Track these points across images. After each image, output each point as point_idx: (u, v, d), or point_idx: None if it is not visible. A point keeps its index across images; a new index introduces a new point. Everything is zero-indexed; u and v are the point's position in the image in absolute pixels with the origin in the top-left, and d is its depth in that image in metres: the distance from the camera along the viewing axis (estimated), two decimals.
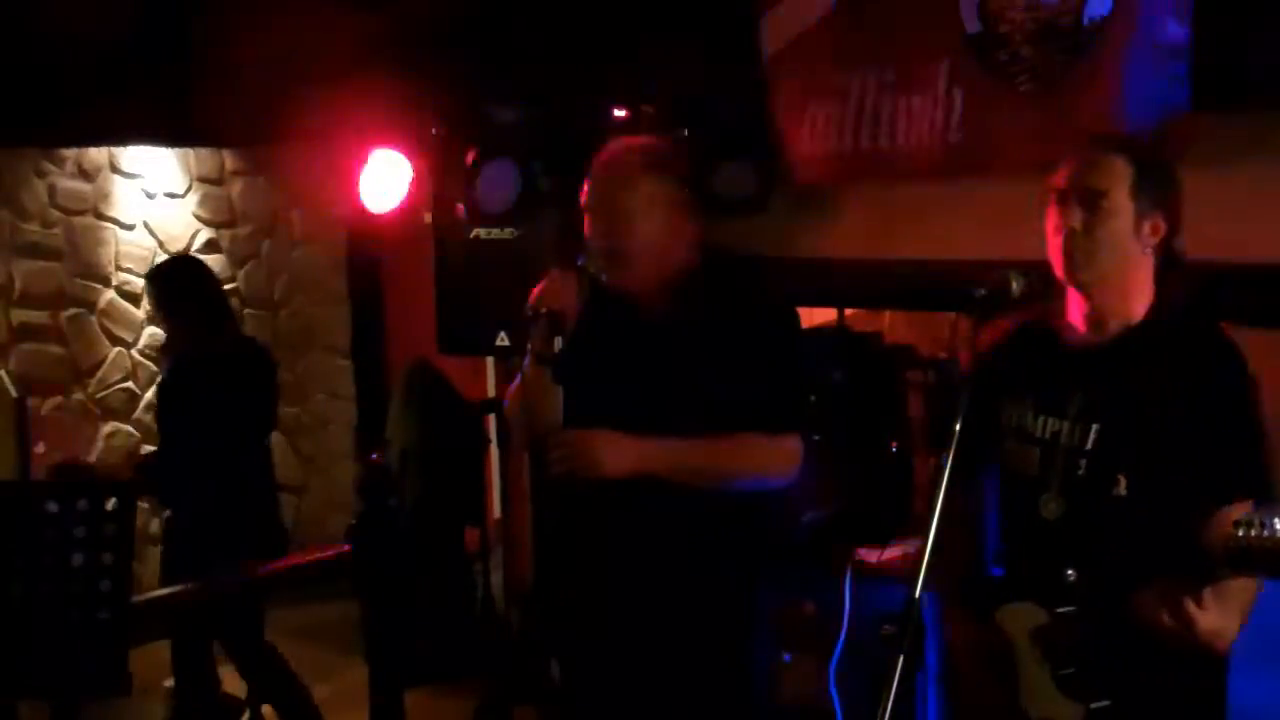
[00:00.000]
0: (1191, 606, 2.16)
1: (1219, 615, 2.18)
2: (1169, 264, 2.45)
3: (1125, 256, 2.40)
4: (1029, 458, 2.47)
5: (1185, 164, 3.35)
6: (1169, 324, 2.41)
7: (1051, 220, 2.44)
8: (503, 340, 4.06)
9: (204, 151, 6.38)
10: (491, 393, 6.36)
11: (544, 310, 2.59)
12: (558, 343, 2.58)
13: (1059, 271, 2.44)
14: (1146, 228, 2.39)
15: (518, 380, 2.74)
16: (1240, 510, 2.05)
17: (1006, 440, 2.52)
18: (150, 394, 6.19)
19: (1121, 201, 2.38)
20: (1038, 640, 2.42)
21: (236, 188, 6.56)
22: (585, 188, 2.70)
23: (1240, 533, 1.98)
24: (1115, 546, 2.36)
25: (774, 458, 2.65)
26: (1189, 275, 2.48)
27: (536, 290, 2.62)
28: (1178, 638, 2.22)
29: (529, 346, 2.64)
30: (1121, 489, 2.36)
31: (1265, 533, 1.97)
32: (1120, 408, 2.37)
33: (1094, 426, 2.39)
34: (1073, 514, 2.41)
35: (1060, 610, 2.39)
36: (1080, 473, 2.40)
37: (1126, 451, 2.36)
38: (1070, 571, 2.38)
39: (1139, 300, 2.43)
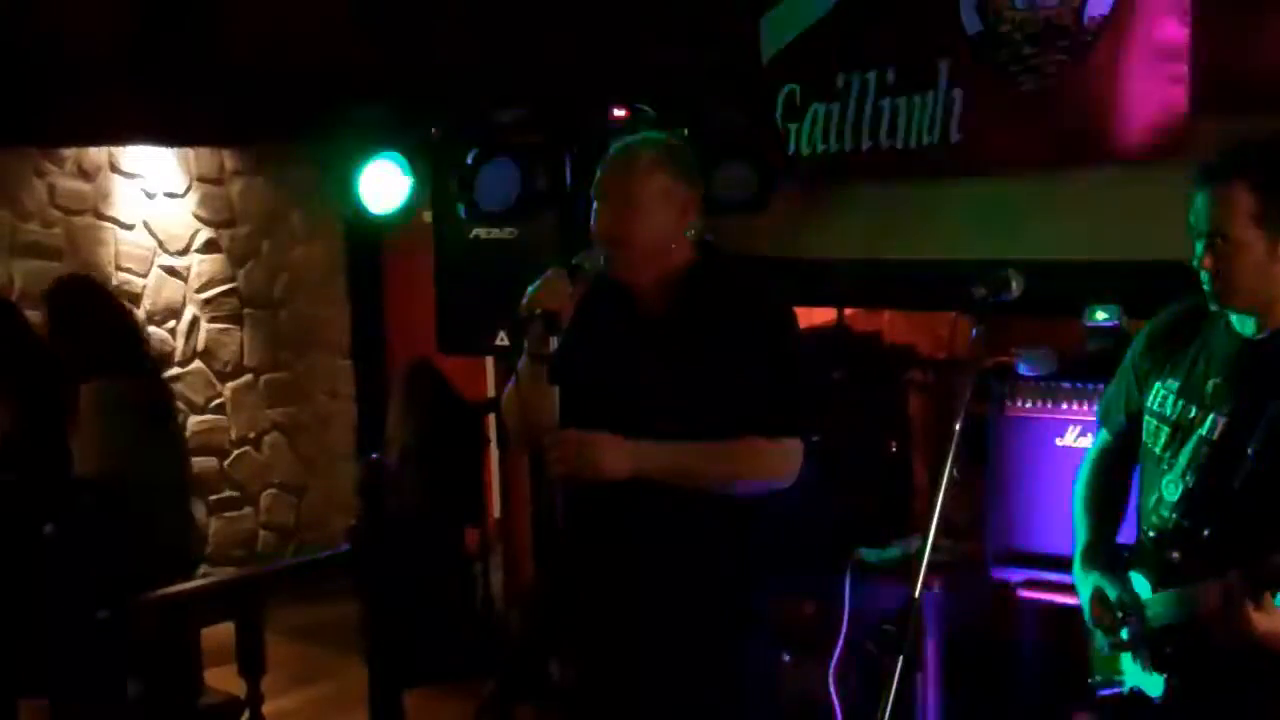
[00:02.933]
0: (1250, 608, 2.17)
1: (1277, 618, 2.18)
2: None
3: (1267, 280, 2.34)
4: (1166, 438, 2.49)
5: (1185, 164, 3.37)
6: None
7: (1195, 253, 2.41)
8: (503, 340, 4.06)
9: (204, 151, 6.37)
10: (491, 393, 6.36)
11: (538, 310, 2.58)
12: (553, 342, 2.58)
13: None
14: None
15: (513, 380, 2.74)
16: None
17: (1151, 419, 2.54)
18: None
19: (1246, 236, 2.32)
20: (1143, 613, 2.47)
21: (236, 188, 6.56)
22: (598, 176, 2.71)
23: None
24: (1223, 535, 2.36)
25: (773, 461, 2.64)
26: None
27: (532, 289, 2.62)
28: (1233, 635, 2.22)
29: (524, 346, 2.63)
30: (1236, 481, 2.34)
31: None
32: (1247, 402, 2.36)
33: (1221, 417, 2.39)
34: (1189, 497, 2.42)
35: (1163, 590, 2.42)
36: (1202, 460, 2.40)
37: (1245, 446, 2.34)
38: (1175, 554, 2.41)
39: None
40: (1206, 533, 2.37)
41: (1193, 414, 2.44)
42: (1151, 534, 2.49)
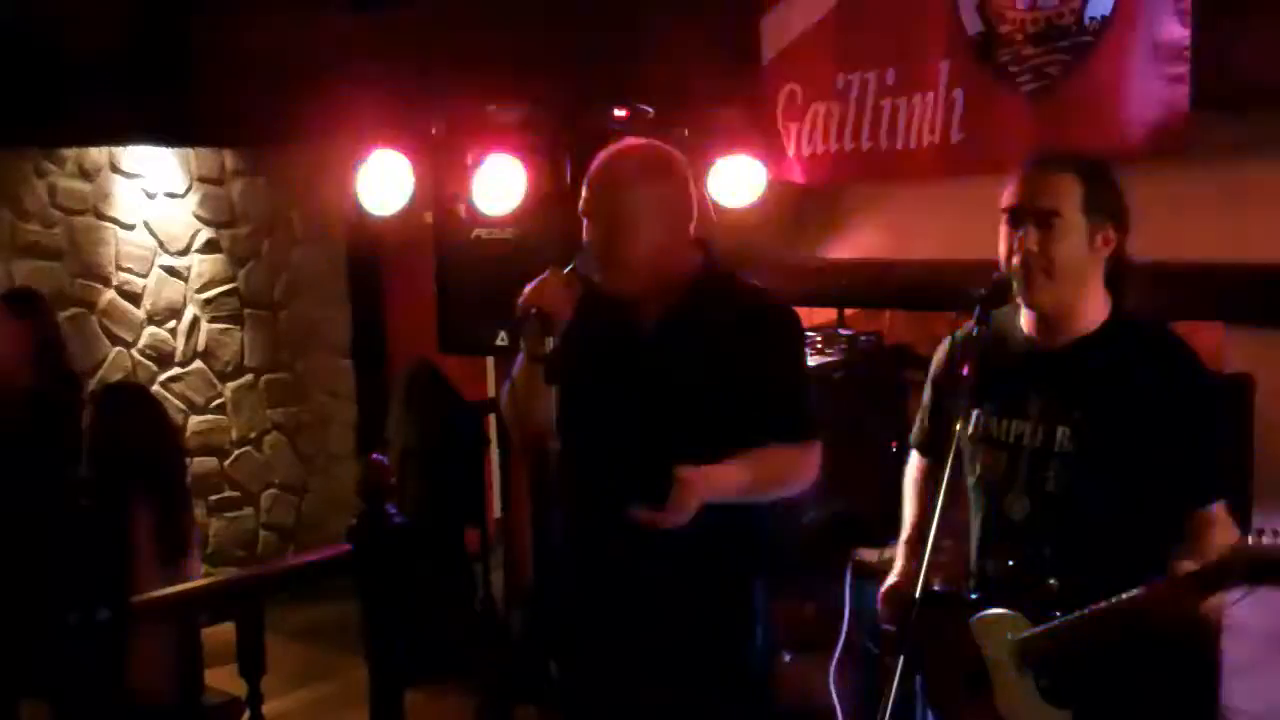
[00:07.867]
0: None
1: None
2: (1119, 269, 2.48)
3: (1081, 272, 2.43)
4: (997, 461, 2.51)
5: (1185, 164, 3.37)
6: (1124, 328, 2.46)
7: (1006, 241, 2.46)
8: (503, 340, 4.05)
9: (204, 151, 6.37)
10: (491, 393, 6.37)
11: (535, 310, 2.57)
12: (549, 343, 2.56)
13: (1019, 291, 2.46)
14: (1099, 240, 2.43)
15: (508, 380, 2.72)
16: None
17: (975, 446, 2.55)
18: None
19: (1074, 218, 2.41)
20: (1019, 650, 2.42)
21: (236, 188, 6.56)
22: (584, 193, 2.68)
23: (1262, 540, 2.05)
24: (1081, 546, 2.39)
25: (805, 466, 2.65)
26: (1139, 278, 2.51)
27: (528, 289, 2.60)
28: (1173, 625, 2.23)
29: (520, 346, 2.62)
30: (1076, 489, 2.40)
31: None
32: (1083, 409, 2.41)
33: (1059, 428, 2.43)
34: (1037, 513, 2.45)
35: (1047, 621, 2.39)
36: (1045, 473, 2.44)
37: (1090, 451, 2.40)
38: (1053, 580, 2.41)
39: (1094, 309, 2.46)
40: (1064, 543, 2.39)
41: (1020, 431, 2.47)
42: (1010, 563, 2.49)
